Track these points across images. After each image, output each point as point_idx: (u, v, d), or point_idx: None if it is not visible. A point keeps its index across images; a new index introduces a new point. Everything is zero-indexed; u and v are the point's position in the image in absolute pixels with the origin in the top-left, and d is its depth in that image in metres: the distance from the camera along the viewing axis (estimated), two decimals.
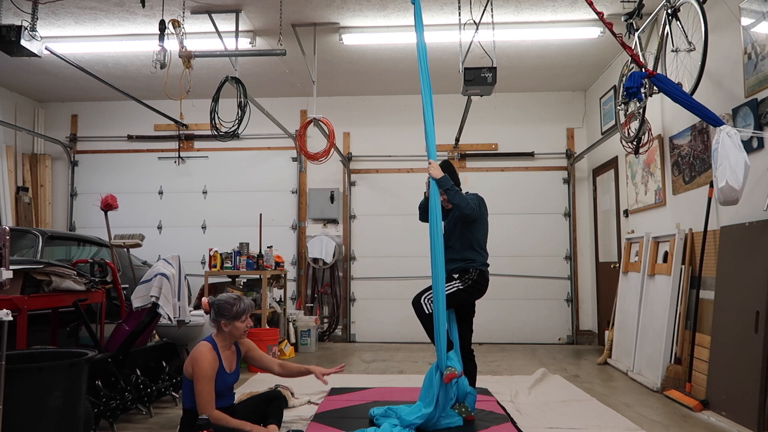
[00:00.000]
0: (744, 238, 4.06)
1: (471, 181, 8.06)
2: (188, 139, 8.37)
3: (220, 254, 6.62)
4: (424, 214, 4.08)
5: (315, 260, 7.93)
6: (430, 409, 3.49)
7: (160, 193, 8.39)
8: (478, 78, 4.94)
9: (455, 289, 3.82)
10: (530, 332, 7.80)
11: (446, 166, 4.06)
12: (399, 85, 7.72)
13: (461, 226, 3.93)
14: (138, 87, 7.49)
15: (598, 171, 7.63)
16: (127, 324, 4.16)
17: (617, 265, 6.54)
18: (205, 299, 3.38)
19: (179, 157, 8.29)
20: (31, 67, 6.97)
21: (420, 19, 3.95)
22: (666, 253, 5.18)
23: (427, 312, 3.75)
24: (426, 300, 3.78)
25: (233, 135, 5.53)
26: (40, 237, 5.06)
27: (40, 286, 3.67)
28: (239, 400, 3.62)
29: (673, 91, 3.98)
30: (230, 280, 6.82)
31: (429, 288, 3.80)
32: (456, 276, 3.85)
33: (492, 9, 5.19)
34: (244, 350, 3.50)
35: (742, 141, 3.72)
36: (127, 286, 5.17)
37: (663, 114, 5.53)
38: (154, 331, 4.77)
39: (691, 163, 4.94)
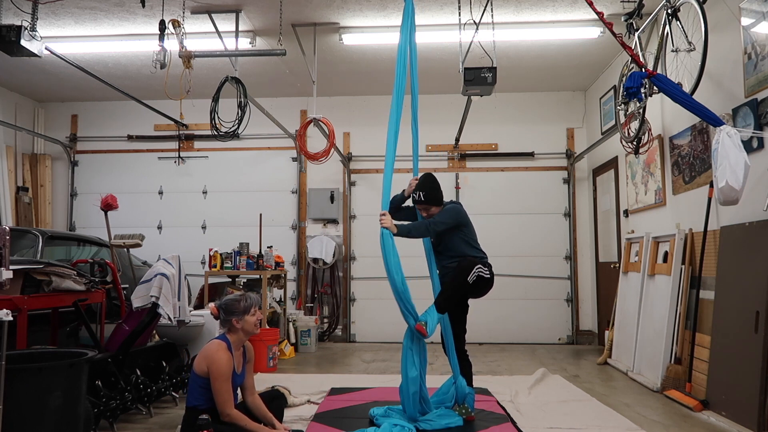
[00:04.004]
0: (744, 238, 4.06)
1: (471, 181, 8.09)
2: (188, 139, 8.37)
3: (220, 254, 6.61)
4: (394, 210, 4.05)
5: (315, 260, 7.93)
6: (415, 371, 3.56)
7: (160, 193, 8.39)
8: (478, 78, 4.95)
9: (487, 276, 3.78)
10: (530, 332, 7.80)
11: (428, 181, 4.05)
12: None
13: (456, 232, 3.91)
14: (138, 87, 7.48)
15: (598, 171, 7.63)
16: (127, 324, 4.16)
17: (617, 265, 6.54)
18: (212, 304, 3.36)
19: (179, 157, 8.29)
20: (31, 67, 6.97)
21: (407, 19, 3.86)
22: (666, 253, 5.18)
23: (468, 279, 3.68)
24: (478, 269, 3.70)
25: (233, 135, 5.54)
26: (40, 237, 5.06)
27: (40, 286, 3.67)
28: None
29: (673, 91, 3.98)
30: (230, 280, 6.81)
31: (481, 261, 3.77)
32: (484, 265, 3.81)
33: (492, 9, 5.18)
34: (249, 356, 3.47)
35: (742, 141, 3.72)
36: (127, 286, 5.17)
37: (663, 114, 5.53)
38: (154, 331, 4.77)
39: (691, 163, 4.94)
